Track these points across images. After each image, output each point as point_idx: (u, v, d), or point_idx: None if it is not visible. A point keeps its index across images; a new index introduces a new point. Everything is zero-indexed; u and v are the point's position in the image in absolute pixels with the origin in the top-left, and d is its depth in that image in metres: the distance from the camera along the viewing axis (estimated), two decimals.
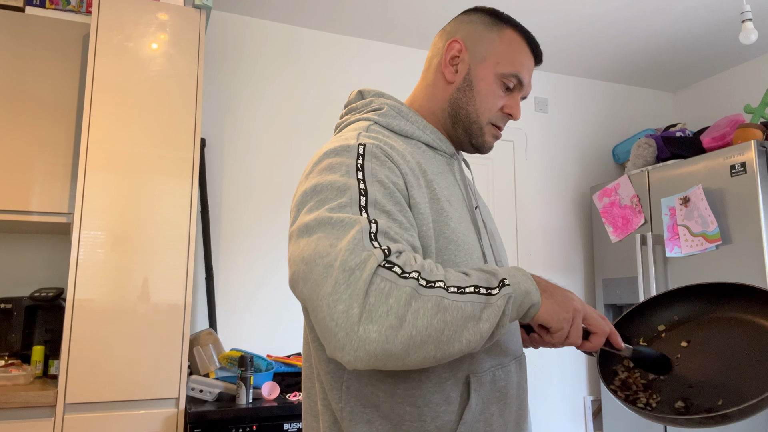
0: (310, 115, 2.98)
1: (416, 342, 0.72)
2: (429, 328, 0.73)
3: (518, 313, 0.80)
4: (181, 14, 2.30)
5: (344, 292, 0.72)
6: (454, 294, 0.76)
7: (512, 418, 0.94)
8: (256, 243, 2.79)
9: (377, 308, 0.72)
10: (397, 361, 0.73)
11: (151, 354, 2.05)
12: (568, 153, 3.58)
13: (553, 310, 0.82)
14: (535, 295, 0.80)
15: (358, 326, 0.71)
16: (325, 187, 0.84)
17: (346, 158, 0.88)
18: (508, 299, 0.77)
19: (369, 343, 0.71)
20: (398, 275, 0.74)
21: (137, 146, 2.16)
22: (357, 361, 0.72)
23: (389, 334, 0.71)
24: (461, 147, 1.08)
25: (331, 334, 0.72)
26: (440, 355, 0.75)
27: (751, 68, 3.41)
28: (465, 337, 0.75)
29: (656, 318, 1.06)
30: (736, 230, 2.50)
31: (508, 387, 0.94)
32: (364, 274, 0.73)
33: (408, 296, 0.73)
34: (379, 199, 0.84)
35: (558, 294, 0.84)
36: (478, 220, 1.03)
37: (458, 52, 1.03)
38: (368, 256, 0.74)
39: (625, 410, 2.99)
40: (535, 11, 2.86)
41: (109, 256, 2.06)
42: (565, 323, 0.82)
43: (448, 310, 0.74)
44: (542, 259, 3.39)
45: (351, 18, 2.94)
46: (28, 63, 2.29)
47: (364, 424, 0.86)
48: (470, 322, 0.75)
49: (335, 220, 0.79)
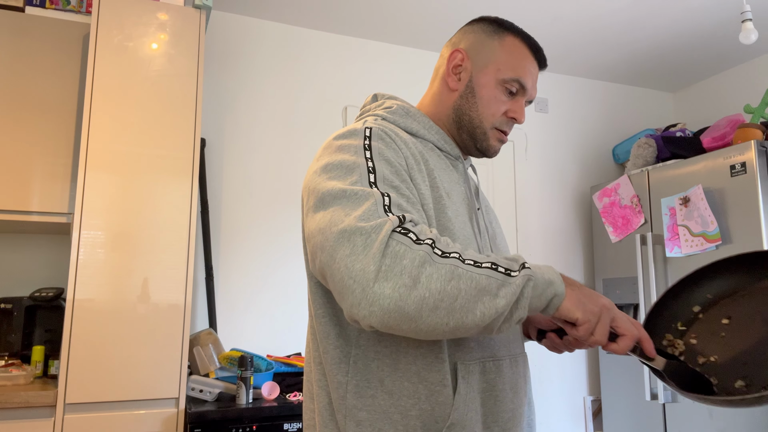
0: (309, 115, 2.98)
1: (429, 304, 0.75)
2: (442, 292, 0.75)
3: (540, 301, 0.80)
4: (181, 14, 2.30)
5: (361, 253, 0.77)
6: (470, 266, 0.78)
7: (505, 416, 0.95)
8: (256, 243, 2.79)
9: (392, 268, 0.75)
10: (411, 322, 0.76)
11: (151, 354, 2.05)
12: (568, 153, 3.58)
13: (579, 301, 0.82)
14: (558, 286, 0.81)
15: (373, 283, 0.75)
16: (336, 166, 0.89)
17: (353, 140, 0.93)
18: (527, 281, 0.78)
19: (383, 299, 0.75)
20: (413, 241, 0.78)
21: (137, 146, 2.16)
22: (372, 317, 0.76)
23: (403, 292, 0.75)
24: (468, 152, 1.11)
25: (348, 291, 0.76)
26: (453, 323, 0.76)
27: (751, 68, 3.41)
28: (479, 309, 0.76)
29: (690, 299, 1.02)
30: (736, 230, 2.50)
31: (498, 381, 0.95)
32: (380, 236, 0.77)
33: (422, 259, 0.76)
34: (387, 176, 0.88)
35: (585, 290, 0.84)
36: (480, 221, 1.05)
37: (461, 61, 1.07)
38: (384, 222, 0.79)
39: (625, 410, 2.99)
40: (535, 11, 2.86)
41: (109, 256, 2.06)
42: (591, 316, 0.82)
43: (462, 279, 0.76)
44: (542, 259, 3.39)
45: (351, 18, 2.94)
46: (28, 63, 2.29)
47: (368, 398, 0.89)
48: (485, 295, 0.76)
49: (349, 193, 0.84)
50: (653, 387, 2.78)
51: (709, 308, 1.00)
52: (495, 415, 0.94)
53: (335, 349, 0.92)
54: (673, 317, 1.01)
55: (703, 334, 0.96)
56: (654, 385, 2.78)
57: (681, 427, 2.68)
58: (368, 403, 0.89)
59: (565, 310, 0.81)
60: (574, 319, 0.82)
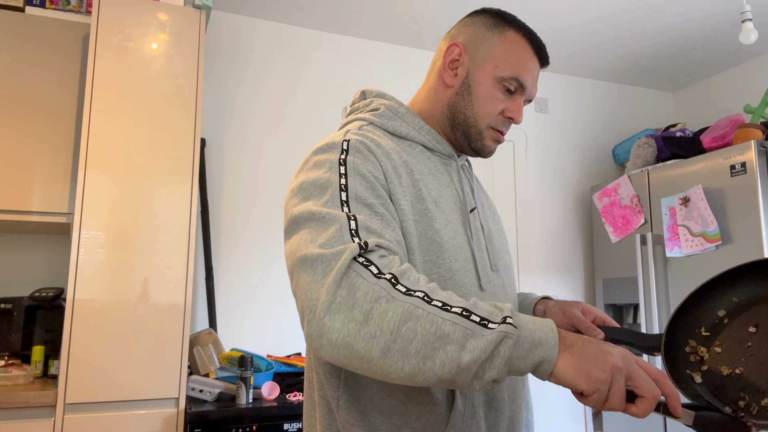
0: (309, 115, 2.98)
1: (380, 345, 0.70)
2: (395, 333, 0.69)
3: (525, 364, 0.69)
4: (181, 14, 2.30)
5: (319, 282, 0.74)
6: (435, 308, 0.71)
7: (504, 424, 0.94)
8: (256, 243, 2.79)
9: (346, 300, 0.72)
10: (362, 362, 0.71)
11: (151, 354, 2.05)
12: (568, 153, 3.58)
13: (581, 368, 0.69)
14: (549, 350, 0.70)
15: (325, 314, 0.71)
16: (309, 185, 0.87)
17: (330, 155, 0.90)
18: (503, 338, 0.68)
19: (332, 332, 0.71)
20: (373, 274, 0.73)
21: (137, 146, 2.16)
22: (322, 350, 0.72)
23: (351, 327, 0.70)
24: (462, 150, 1.06)
25: (305, 320, 0.74)
26: (409, 369, 0.69)
27: (751, 68, 3.41)
28: (439, 359, 0.68)
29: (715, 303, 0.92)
30: (736, 230, 2.50)
31: (497, 391, 0.93)
32: (338, 265, 0.73)
33: (376, 294, 0.71)
34: (360, 193, 0.85)
35: (591, 349, 0.71)
36: (475, 222, 1.01)
37: (458, 56, 1.01)
38: (344, 249, 0.75)
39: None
40: (534, 11, 2.86)
41: (109, 256, 2.06)
42: (600, 384, 0.69)
43: (420, 321, 0.69)
44: (542, 259, 3.39)
45: (351, 18, 2.94)
46: (28, 63, 2.28)
47: (358, 414, 0.87)
48: (448, 344, 0.68)
49: (318, 216, 0.81)
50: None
51: (735, 314, 0.91)
52: (496, 427, 0.92)
53: (325, 364, 0.90)
54: (696, 322, 0.92)
55: (728, 343, 0.88)
56: None
57: (681, 426, 2.68)
58: (360, 419, 0.87)
59: (564, 379, 0.70)
60: (578, 390, 0.70)
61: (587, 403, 0.72)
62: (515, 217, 3.35)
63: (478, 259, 0.96)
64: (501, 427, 0.93)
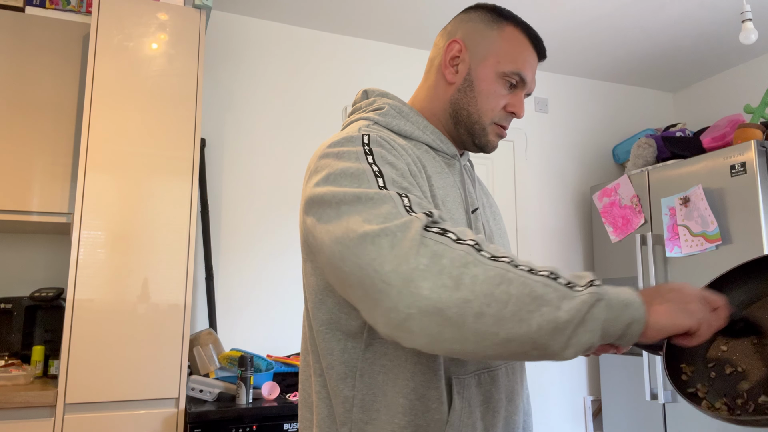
0: (309, 115, 2.99)
1: (473, 309, 0.66)
2: (489, 296, 0.66)
3: (616, 327, 0.68)
4: (181, 14, 2.30)
5: (388, 254, 0.70)
6: (524, 272, 0.69)
7: (500, 423, 0.93)
8: (256, 243, 2.79)
9: (430, 267, 0.68)
10: (454, 328, 0.67)
11: (151, 354, 2.05)
12: (568, 153, 3.58)
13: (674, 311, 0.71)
14: (637, 309, 0.69)
15: (410, 282, 0.68)
16: (338, 176, 0.82)
17: (352, 146, 0.87)
18: (596, 300, 0.67)
19: (420, 299, 0.67)
20: (453, 240, 0.71)
21: (137, 146, 2.16)
22: (411, 321, 0.68)
23: (442, 293, 0.67)
24: (464, 147, 1.06)
25: (382, 297, 0.69)
26: (505, 334, 0.67)
27: (751, 68, 3.41)
28: (535, 320, 0.66)
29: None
30: (736, 230, 2.50)
31: (494, 392, 0.93)
32: (410, 234, 0.70)
33: (464, 259, 0.69)
34: (395, 178, 0.83)
35: (669, 294, 0.73)
36: (477, 222, 1.01)
37: (458, 53, 1.01)
38: (410, 220, 0.72)
39: (625, 410, 2.99)
40: (534, 11, 2.86)
41: (109, 256, 2.06)
42: (701, 313, 0.72)
43: (513, 283, 0.67)
44: (542, 259, 3.39)
45: (351, 18, 2.94)
46: (28, 63, 2.28)
47: (374, 412, 0.86)
48: (543, 305, 0.66)
49: (364, 198, 0.77)
50: (653, 387, 2.78)
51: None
52: (492, 427, 0.92)
53: (341, 364, 0.89)
54: None
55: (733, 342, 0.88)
56: (654, 385, 2.78)
57: (681, 427, 2.68)
58: (374, 417, 0.86)
59: (665, 328, 0.70)
60: (683, 329, 0.71)
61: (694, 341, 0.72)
62: (515, 217, 3.35)
63: None
64: (497, 425, 0.93)
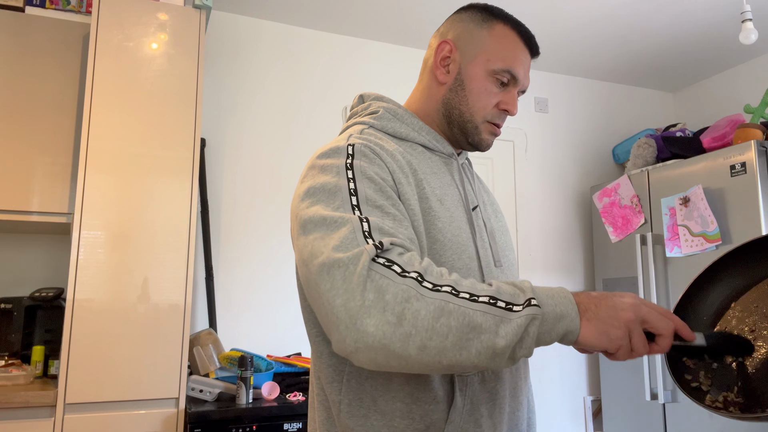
0: (309, 115, 2.99)
1: (416, 343, 0.71)
2: (430, 330, 0.71)
3: (550, 338, 0.74)
4: (181, 14, 2.30)
5: (341, 287, 0.73)
6: (464, 300, 0.73)
7: (504, 419, 0.94)
8: (257, 243, 2.79)
9: (375, 303, 0.72)
10: (400, 360, 0.72)
11: (151, 354, 2.05)
12: (568, 153, 3.58)
13: (600, 332, 0.74)
14: (571, 321, 0.74)
15: (356, 319, 0.72)
16: (318, 190, 0.86)
17: (336, 159, 0.90)
18: (531, 320, 0.72)
19: (367, 336, 0.71)
20: (397, 273, 0.74)
21: (137, 146, 2.16)
22: (359, 353, 0.72)
23: (387, 330, 0.71)
24: (459, 146, 1.07)
25: (333, 328, 0.73)
26: (447, 362, 0.72)
27: (751, 68, 3.41)
28: (474, 348, 0.71)
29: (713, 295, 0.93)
30: (736, 230, 2.50)
31: (499, 388, 0.93)
32: (359, 268, 0.73)
33: (406, 294, 0.72)
34: (370, 195, 0.85)
35: (603, 309, 0.76)
36: (477, 220, 1.02)
37: (449, 53, 1.03)
38: (360, 252, 0.75)
39: (625, 410, 2.99)
40: (534, 11, 2.86)
41: (109, 256, 2.06)
42: (620, 341, 0.75)
43: (453, 315, 0.71)
44: (542, 259, 3.39)
45: (351, 18, 2.94)
46: (28, 63, 2.28)
47: (360, 418, 0.87)
48: (482, 333, 0.71)
49: (329, 220, 0.81)
50: (653, 387, 2.78)
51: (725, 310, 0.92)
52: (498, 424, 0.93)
53: (328, 367, 0.91)
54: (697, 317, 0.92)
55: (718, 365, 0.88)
56: (654, 385, 2.78)
57: (681, 427, 2.68)
58: (360, 423, 0.87)
59: (588, 345, 0.75)
60: (603, 350, 0.76)
61: (615, 359, 0.77)
62: (515, 217, 3.35)
63: (482, 257, 0.97)
64: (502, 422, 0.93)
